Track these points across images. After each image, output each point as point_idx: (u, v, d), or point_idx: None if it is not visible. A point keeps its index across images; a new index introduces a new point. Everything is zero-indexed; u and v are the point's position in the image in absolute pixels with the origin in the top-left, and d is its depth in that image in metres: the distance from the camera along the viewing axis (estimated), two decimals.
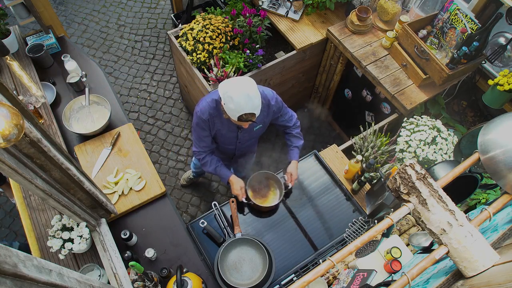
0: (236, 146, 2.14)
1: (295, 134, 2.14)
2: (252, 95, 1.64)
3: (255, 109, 1.66)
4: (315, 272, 0.93)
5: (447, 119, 2.63)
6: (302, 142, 2.16)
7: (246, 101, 1.62)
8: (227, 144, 2.11)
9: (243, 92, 1.62)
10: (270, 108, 1.93)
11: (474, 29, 2.28)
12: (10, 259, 0.72)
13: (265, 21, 2.78)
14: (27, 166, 1.26)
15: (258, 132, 2.08)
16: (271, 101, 1.91)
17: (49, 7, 2.70)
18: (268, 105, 1.91)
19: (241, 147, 2.19)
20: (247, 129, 1.96)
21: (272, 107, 1.93)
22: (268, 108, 1.92)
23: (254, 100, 1.65)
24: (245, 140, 2.11)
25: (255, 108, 1.66)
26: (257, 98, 1.66)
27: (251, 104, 1.64)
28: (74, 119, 2.38)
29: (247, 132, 2.02)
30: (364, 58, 2.67)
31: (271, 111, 1.95)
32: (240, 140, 2.08)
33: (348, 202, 2.23)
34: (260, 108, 1.70)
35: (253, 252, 2.00)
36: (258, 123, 1.98)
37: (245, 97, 1.62)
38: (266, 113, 1.94)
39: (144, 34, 4.29)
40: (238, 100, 1.62)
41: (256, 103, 1.66)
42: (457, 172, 1.07)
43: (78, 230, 1.82)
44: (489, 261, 0.90)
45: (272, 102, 1.92)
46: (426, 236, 1.55)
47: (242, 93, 1.62)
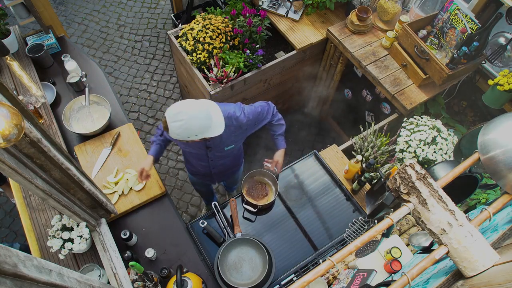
0: (209, 163, 2.07)
1: (276, 123, 2.05)
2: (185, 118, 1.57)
3: (198, 134, 1.61)
4: (315, 272, 0.93)
5: (447, 119, 2.63)
6: (284, 126, 2.08)
7: (176, 116, 1.58)
8: (199, 160, 2.06)
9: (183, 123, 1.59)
10: (241, 127, 1.86)
11: (474, 29, 2.28)
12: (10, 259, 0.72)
13: (265, 21, 2.78)
14: (27, 166, 1.26)
15: (233, 151, 2.01)
16: (239, 120, 1.82)
17: (49, 7, 2.70)
18: (238, 126, 1.84)
19: (217, 165, 2.11)
20: (216, 148, 1.91)
21: (243, 125, 1.86)
22: (239, 128, 1.86)
23: (194, 127, 1.59)
24: (218, 158, 2.04)
25: (197, 132, 1.61)
26: (197, 125, 1.59)
27: (192, 130, 1.59)
28: (74, 119, 2.38)
29: (217, 152, 1.96)
30: (364, 58, 2.67)
31: (244, 129, 1.88)
32: (212, 158, 2.01)
33: (348, 202, 2.23)
34: (178, 133, 1.61)
35: (253, 252, 2.00)
36: (228, 143, 1.91)
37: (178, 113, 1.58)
38: (236, 133, 1.88)
39: (144, 34, 4.29)
40: (179, 130, 1.59)
41: (175, 128, 1.59)
42: (457, 172, 1.07)
43: (78, 230, 1.82)
44: (489, 261, 0.90)
45: (243, 119, 1.83)
46: (426, 236, 1.55)
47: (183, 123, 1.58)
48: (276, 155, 2.12)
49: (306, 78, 3.29)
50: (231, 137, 1.87)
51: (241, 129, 1.87)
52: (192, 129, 1.60)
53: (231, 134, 1.85)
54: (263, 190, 2.23)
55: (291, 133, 3.67)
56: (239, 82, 2.64)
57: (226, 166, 2.18)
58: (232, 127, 1.82)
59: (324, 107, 3.56)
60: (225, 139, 1.87)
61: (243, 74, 2.67)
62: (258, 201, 2.17)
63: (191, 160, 2.12)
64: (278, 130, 2.07)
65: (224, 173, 2.29)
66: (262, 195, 2.22)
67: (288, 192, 2.27)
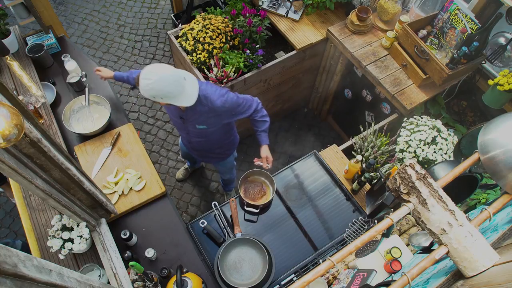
0: (187, 136, 2.15)
1: (259, 119, 2.06)
2: (155, 79, 1.64)
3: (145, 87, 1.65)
4: (315, 272, 0.93)
5: (447, 119, 2.63)
6: (268, 123, 2.10)
7: (148, 77, 1.64)
8: (179, 128, 2.15)
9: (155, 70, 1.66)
10: (215, 111, 1.87)
11: (474, 29, 2.28)
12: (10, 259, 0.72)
13: (265, 21, 2.78)
14: (27, 166, 1.26)
15: (206, 132, 2.03)
16: (214, 103, 1.85)
17: (49, 7, 2.70)
18: (212, 108, 1.86)
19: (193, 141, 2.17)
20: (189, 121, 1.96)
21: (218, 110, 1.88)
22: (213, 111, 1.87)
23: (150, 84, 1.64)
24: (194, 134, 2.08)
25: (153, 96, 1.66)
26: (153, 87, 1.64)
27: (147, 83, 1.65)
28: (74, 119, 2.38)
29: (191, 127, 2.00)
30: (364, 58, 2.67)
31: (218, 114, 1.90)
32: (188, 131, 2.07)
33: (348, 202, 2.23)
34: (151, 94, 1.67)
35: (253, 252, 2.00)
36: (199, 122, 1.95)
37: (150, 74, 1.65)
38: (209, 115, 1.90)
39: (144, 34, 4.29)
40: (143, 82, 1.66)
41: (148, 88, 1.64)
42: (457, 172, 1.07)
43: (78, 230, 1.82)
44: (489, 261, 0.90)
45: (218, 103, 1.85)
46: (426, 236, 1.55)
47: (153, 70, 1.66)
48: (263, 152, 2.13)
49: (306, 78, 3.29)
50: (203, 116, 1.91)
51: (215, 112, 1.89)
52: (157, 91, 1.65)
53: (203, 113, 1.89)
54: (260, 190, 2.23)
55: (291, 133, 3.67)
56: (239, 82, 2.64)
57: (204, 147, 2.23)
58: (206, 107, 1.87)
59: (324, 107, 3.56)
60: (198, 116, 1.92)
61: (243, 74, 2.67)
62: (257, 201, 2.17)
63: (175, 125, 2.20)
64: (261, 126, 2.08)
65: (205, 154, 2.36)
66: (260, 194, 2.22)
67: (288, 192, 2.27)
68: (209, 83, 1.92)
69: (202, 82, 1.91)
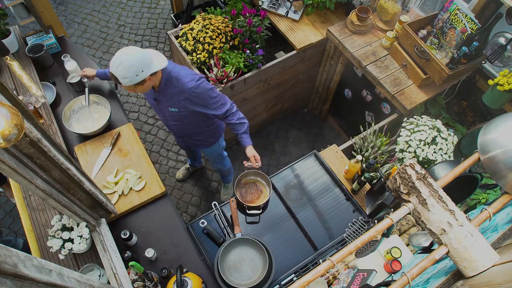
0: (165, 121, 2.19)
1: (236, 122, 2.05)
2: (122, 61, 1.65)
3: (116, 73, 1.68)
4: (315, 272, 0.93)
5: (447, 119, 2.63)
6: (247, 125, 2.08)
7: (115, 62, 1.66)
8: (156, 111, 2.17)
9: (119, 54, 1.68)
10: (185, 93, 1.89)
11: (474, 29, 2.28)
12: (10, 259, 0.72)
13: (265, 21, 2.78)
14: (27, 166, 1.26)
15: (179, 116, 2.05)
16: (185, 85, 1.87)
17: (49, 7, 2.70)
18: (182, 90, 1.88)
19: (170, 124, 2.20)
20: (163, 103, 1.99)
21: (187, 93, 1.89)
22: (183, 94, 1.90)
23: (119, 67, 1.66)
24: (169, 118, 2.10)
25: (117, 74, 1.68)
26: (122, 68, 1.66)
27: (116, 67, 1.66)
28: (74, 119, 2.38)
29: (165, 108, 2.02)
30: (364, 58, 2.67)
31: (187, 98, 1.91)
32: (163, 114, 2.10)
33: (348, 202, 2.23)
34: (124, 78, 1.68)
35: (253, 252, 2.00)
36: (171, 104, 1.97)
37: (116, 59, 1.67)
38: (179, 98, 1.92)
39: (144, 34, 4.29)
40: (113, 58, 1.68)
41: (119, 72, 1.67)
42: (457, 172, 1.07)
43: (78, 230, 1.82)
44: (489, 261, 0.90)
45: (188, 85, 1.87)
46: (426, 236, 1.55)
47: (118, 55, 1.68)
48: (248, 152, 2.10)
49: (306, 78, 3.29)
50: (174, 98, 1.93)
51: (184, 95, 1.90)
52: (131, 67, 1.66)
53: (174, 95, 1.92)
54: (256, 190, 2.22)
55: (291, 133, 3.67)
56: (239, 82, 2.64)
57: (181, 132, 2.25)
58: (177, 89, 1.89)
59: (324, 107, 3.56)
60: (169, 98, 1.94)
61: (243, 74, 2.67)
62: (255, 202, 2.17)
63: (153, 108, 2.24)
64: (241, 129, 2.08)
65: (186, 140, 2.41)
66: (257, 194, 2.21)
67: (288, 192, 2.27)
68: (183, 66, 1.95)
69: (175, 64, 1.94)
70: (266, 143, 3.60)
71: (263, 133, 3.64)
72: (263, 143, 3.59)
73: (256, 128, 3.55)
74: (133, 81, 1.71)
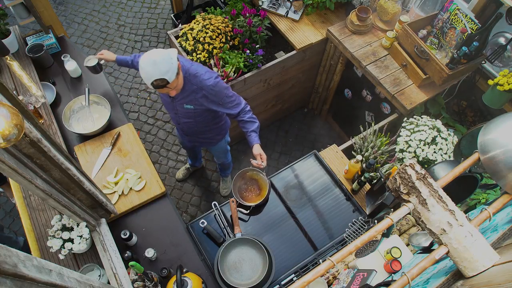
0: (175, 116, 2.16)
1: (247, 120, 2.06)
2: (158, 62, 1.68)
3: (163, 74, 1.69)
4: (315, 272, 0.93)
5: (447, 119, 2.63)
6: (257, 124, 2.09)
7: (152, 67, 1.68)
8: (168, 108, 2.16)
9: (148, 60, 1.69)
10: (203, 91, 1.91)
11: (474, 29, 2.28)
12: (10, 259, 0.72)
13: (265, 21, 2.78)
14: (27, 166, 1.26)
15: (193, 113, 2.06)
16: (204, 82, 1.89)
17: (49, 7, 2.70)
18: (200, 87, 1.91)
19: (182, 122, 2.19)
20: (178, 100, 1.99)
21: (206, 90, 1.91)
22: (201, 91, 1.92)
23: (160, 64, 1.68)
24: (182, 115, 2.11)
25: (163, 73, 1.68)
26: (163, 63, 1.69)
27: (158, 69, 1.68)
28: (74, 119, 2.38)
29: (179, 105, 2.03)
30: (364, 58, 2.67)
31: (205, 95, 1.93)
32: (176, 111, 2.09)
33: (348, 202, 2.23)
34: (168, 72, 1.70)
35: (253, 252, 2.00)
36: (187, 101, 1.98)
37: (151, 64, 1.68)
38: (197, 95, 1.94)
39: (144, 34, 4.29)
40: (145, 69, 1.70)
41: (164, 68, 1.68)
42: (457, 172, 1.07)
43: (78, 230, 1.82)
44: (489, 261, 0.90)
45: (207, 83, 1.89)
46: (426, 236, 1.55)
47: (148, 61, 1.69)
48: (255, 150, 2.08)
49: (306, 78, 3.29)
50: (191, 96, 1.95)
51: (202, 92, 1.92)
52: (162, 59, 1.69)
53: (191, 92, 1.93)
54: (254, 190, 2.21)
55: (291, 133, 3.67)
56: (239, 82, 2.64)
57: (192, 129, 2.24)
58: (195, 86, 1.91)
59: (324, 107, 3.56)
60: (186, 95, 1.95)
61: (243, 74, 2.67)
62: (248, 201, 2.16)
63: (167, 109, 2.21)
64: (251, 127, 2.08)
65: (195, 139, 2.40)
66: (253, 194, 2.20)
67: (288, 192, 2.27)
68: (199, 64, 1.97)
69: (192, 62, 1.96)
70: (266, 143, 3.60)
71: (263, 133, 3.63)
72: (263, 143, 3.59)
73: None
74: (174, 70, 1.72)
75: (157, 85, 1.72)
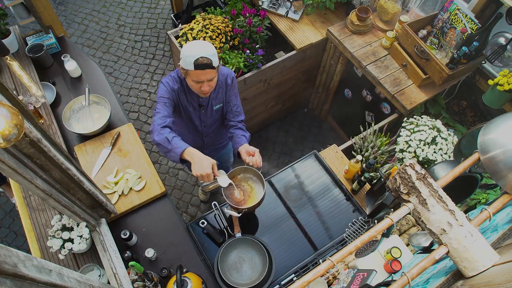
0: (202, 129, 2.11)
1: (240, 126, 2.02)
2: (205, 44, 1.69)
3: (210, 55, 1.66)
4: (315, 272, 0.93)
5: (447, 119, 2.63)
6: (249, 134, 2.02)
7: (200, 46, 1.67)
8: (193, 128, 2.07)
9: (196, 42, 1.71)
10: (226, 83, 1.95)
11: (474, 29, 2.28)
12: (10, 259, 0.72)
13: (265, 21, 2.78)
14: (27, 166, 1.26)
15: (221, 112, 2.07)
16: (228, 77, 1.94)
17: (49, 7, 2.70)
18: (225, 80, 1.94)
19: (209, 132, 2.15)
20: (207, 106, 1.98)
21: (229, 78, 1.96)
22: (226, 84, 1.95)
23: (208, 46, 1.67)
24: (209, 124, 2.10)
25: (210, 54, 1.66)
26: (210, 46, 1.69)
27: (205, 49, 1.66)
28: (74, 119, 2.38)
29: (210, 109, 2.01)
30: (364, 58, 2.67)
31: (225, 90, 1.97)
32: (204, 120, 2.06)
33: (348, 202, 2.23)
34: (214, 55, 1.68)
35: (253, 252, 2.00)
36: (217, 101, 1.99)
37: (198, 44, 1.68)
38: (224, 89, 1.97)
39: (144, 34, 4.29)
40: (192, 47, 1.67)
41: (211, 50, 1.67)
42: (457, 172, 1.07)
43: (78, 230, 1.82)
44: (489, 261, 0.90)
45: (229, 80, 1.95)
46: (426, 236, 1.55)
47: (195, 42, 1.70)
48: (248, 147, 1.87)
49: (306, 78, 3.29)
50: (219, 92, 1.97)
51: (227, 82, 1.95)
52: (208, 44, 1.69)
53: (219, 88, 1.95)
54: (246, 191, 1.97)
55: (291, 133, 3.67)
56: (239, 82, 2.64)
57: (217, 134, 2.23)
58: (220, 81, 1.93)
59: (324, 107, 3.56)
60: (216, 93, 1.96)
61: (243, 74, 2.67)
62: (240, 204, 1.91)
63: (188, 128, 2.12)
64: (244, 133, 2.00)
65: (213, 147, 2.36)
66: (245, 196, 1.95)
67: (288, 192, 2.27)
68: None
69: None
70: (266, 143, 3.60)
71: (263, 133, 3.64)
72: (263, 143, 3.59)
73: (256, 128, 3.55)
74: (217, 59, 1.72)
75: (201, 63, 1.63)
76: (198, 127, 2.11)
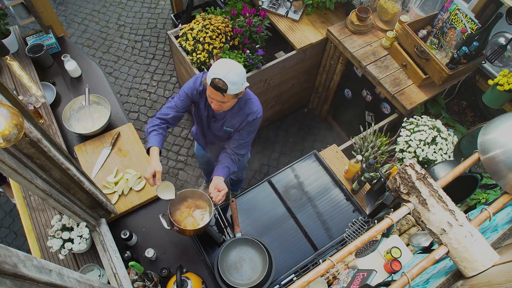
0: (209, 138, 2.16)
1: (233, 158, 1.99)
2: (234, 70, 1.66)
3: (230, 82, 1.65)
4: (315, 272, 0.93)
5: (447, 119, 2.63)
6: (236, 169, 2.02)
7: (227, 68, 1.65)
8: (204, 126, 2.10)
9: (229, 63, 1.68)
10: (247, 118, 1.90)
11: (474, 29, 2.28)
12: (10, 259, 0.72)
13: (265, 21, 2.78)
14: (27, 166, 1.26)
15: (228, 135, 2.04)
16: (251, 115, 1.89)
17: (49, 7, 2.70)
18: (247, 115, 1.89)
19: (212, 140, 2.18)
20: (218, 119, 1.97)
21: (248, 119, 1.90)
22: (245, 117, 1.90)
23: (234, 73, 1.65)
24: (215, 136, 2.10)
25: (230, 81, 1.65)
26: (237, 76, 1.66)
27: (230, 74, 1.64)
28: (74, 119, 2.38)
29: (217, 127, 2.01)
30: (364, 58, 2.67)
31: (248, 121, 1.91)
32: (214, 131, 2.06)
33: (348, 202, 2.23)
34: (234, 85, 1.66)
35: (253, 252, 2.00)
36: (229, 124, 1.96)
37: (228, 65, 1.66)
38: (240, 120, 1.92)
39: (144, 34, 4.29)
40: (221, 64, 1.67)
41: (234, 78, 1.65)
42: (457, 172, 1.07)
43: (78, 230, 1.82)
44: (489, 261, 0.90)
45: (251, 117, 1.89)
46: (426, 236, 1.55)
47: (228, 63, 1.68)
48: (220, 181, 1.88)
49: (306, 78, 3.29)
50: (235, 118, 1.92)
51: (248, 119, 1.89)
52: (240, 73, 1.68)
53: (235, 115, 1.91)
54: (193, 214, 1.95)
55: (291, 133, 3.67)
56: None
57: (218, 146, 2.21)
58: (242, 111, 1.89)
59: (324, 107, 3.56)
60: (231, 118, 1.93)
61: None
62: (183, 225, 1.89)
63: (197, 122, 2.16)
64: (230, 164, 1.98)
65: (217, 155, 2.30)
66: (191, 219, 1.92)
67: (288, 192, 2.27)
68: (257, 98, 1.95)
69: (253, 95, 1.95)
70: (266, 143, 3.60)
71: (263, 133, 3.64)
72: (263, 143, 3.59)
73: None
74: (238, 89, 1.69)
75: (216, 84, 1.64)
76: (205, 129, 2.13)
